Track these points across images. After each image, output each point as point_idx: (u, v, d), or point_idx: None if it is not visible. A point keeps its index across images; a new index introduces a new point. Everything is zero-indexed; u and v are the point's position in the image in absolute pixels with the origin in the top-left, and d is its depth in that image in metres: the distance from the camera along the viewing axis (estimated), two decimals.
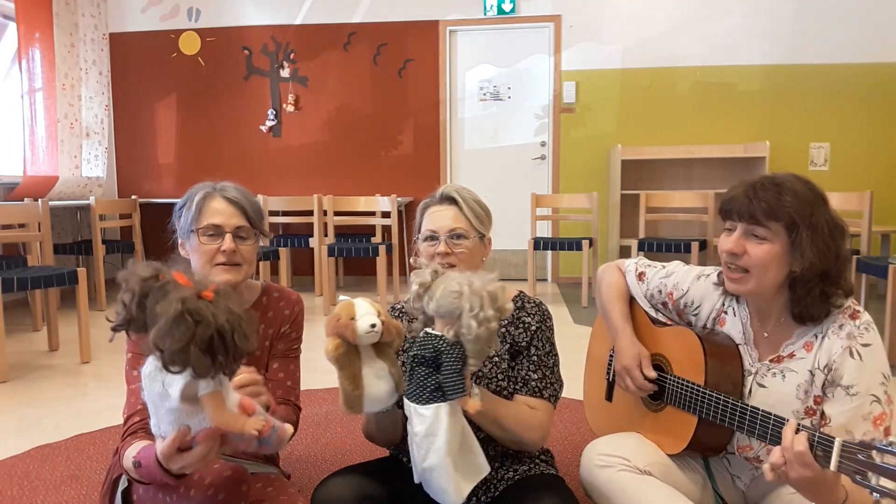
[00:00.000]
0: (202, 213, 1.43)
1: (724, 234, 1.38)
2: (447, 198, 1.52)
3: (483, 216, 1.53)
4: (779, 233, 1.29)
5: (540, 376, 1.49)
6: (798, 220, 1.28)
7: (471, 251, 1.49)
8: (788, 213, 1.28)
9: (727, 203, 1.36)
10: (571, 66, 5.76)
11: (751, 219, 1.31)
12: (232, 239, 1.43)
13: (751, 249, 1.31)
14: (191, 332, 0.95)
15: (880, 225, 4.87)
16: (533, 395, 1.48)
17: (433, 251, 1.47)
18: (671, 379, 1.51)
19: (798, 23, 5.52)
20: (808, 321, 1.34)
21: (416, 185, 5.88)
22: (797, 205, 1.28)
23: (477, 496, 1.50)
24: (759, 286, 1.34)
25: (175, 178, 6.23)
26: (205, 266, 1.41)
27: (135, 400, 1.37)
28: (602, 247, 5.69)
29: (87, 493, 1.94)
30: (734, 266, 1.35)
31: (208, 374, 0.98)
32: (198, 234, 1.42)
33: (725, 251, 1.35)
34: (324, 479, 1.45)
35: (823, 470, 1.09)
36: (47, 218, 3.82)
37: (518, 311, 1.54)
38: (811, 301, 1.31)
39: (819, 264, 1.28)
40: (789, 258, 1.30)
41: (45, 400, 2.86)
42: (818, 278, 1.29)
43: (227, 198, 1.45)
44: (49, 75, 5.26)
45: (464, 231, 1.48)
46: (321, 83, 6.01)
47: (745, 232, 1.33)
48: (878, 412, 1.25)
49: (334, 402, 2.69)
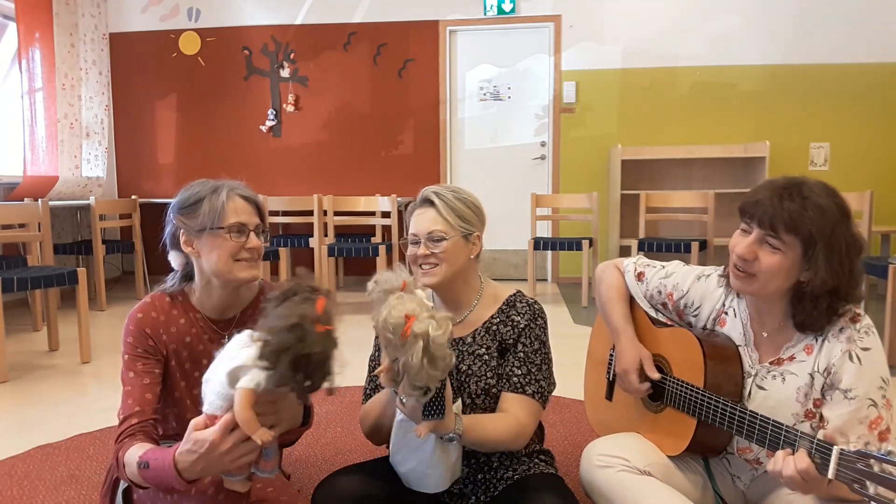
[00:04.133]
0: (226, 212, 1.42)
1: (739, 233, 1.36)
2: (425, 200, 1.53)
3: (467, 214, 1.52)
4: (793, 246, 1.27)
5: (524, 372, 1.48)
6: (817, 238, 1.25)
7: (451, 251, 1.48)
8: (808, 230, 1.25)
9: (750, 206, 1.32)
10: (571, 66, 5.76)
11: (770, 228, 1.28)
12: (256, 236, 1.45)
13: (763, 257, 1.30)
14: (292, 343, 1.10)
15: (880, 225, 4.86)
16: (514, 391, 1.47)
17: (415, 253, 1.50)
18: (671, 380, 1.51)
19: (798, 23, 5.52)
20: (810, 331, 1.34)
21: (416, 185, 5.78)
22: (820, 222, 1.25)
23: (477, 496, 1.50)
24: (762, 290, 1.33)
25: (175, 178, 6.22)
26: (226, 262, 1.41)
27: (132, 402, 1.36)
28: (602, 247, 5.69)
29: (87, 493, 1.95)
30: (742, 268, 1.33)
31: (283, 384, 1.12)
32: (225, 231, 1.41)
33: (737, 254, 1.33)
34: (324, 479, 1.45)
35: (822, 478, 1.11)
36: (47, 218, 3.82)
37: (509, 310, 1.53)
38: (817, 314, 1.30)
39: (830, 282, 1.27)
40: (798, 270, 1.29)
41: (45, 400, 2.86)
42: (827, 294, 1.28)
43: (244, 196, 1.47)
44: (49, 75, 5.26)
45: (442, 233, 1.48)
46: (321, 83, 6.01)
47: (759, 238, 1.30)
48: (874, 416, 1.25)
49: (334, 402, 2.69)
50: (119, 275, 6.21)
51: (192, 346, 1.47)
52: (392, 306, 1.18)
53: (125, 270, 6.26)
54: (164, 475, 1.20)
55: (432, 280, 1.49)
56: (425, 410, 1.24)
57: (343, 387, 3.08)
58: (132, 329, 1.42)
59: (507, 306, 1.54)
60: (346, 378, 1.16)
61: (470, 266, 1.55)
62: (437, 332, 1.15)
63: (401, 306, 1.18)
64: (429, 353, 1.14)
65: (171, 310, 1.47)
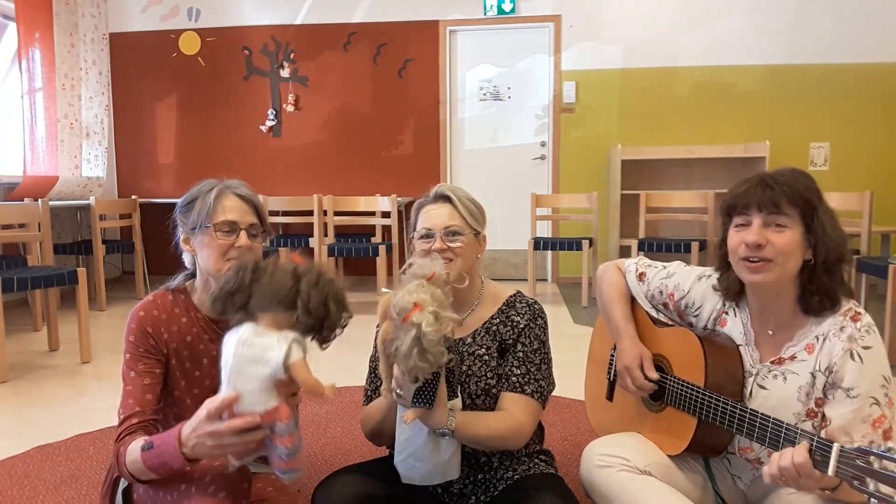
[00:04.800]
0: (217, 210, 1.43)
1: (736, 230, 1.36)
2: (441, 196, 1.53)
3: (477, 214, 1.54)
4: (796, 219, 1.31)
5: (523, 372, 1.48)
6: (816, 203, 1.31)
7: (466, 247, 1.50)
8: (805, 197, 1.31)
9: (740, 197, 1.34)
10: (571, 66, 5.76)
11: (773, 207, 1.30)
12: (247, 236, 1.44)
13: (773, 238, 1.31)
14: (327, 290, 1.18)
15: (880, 225, 4.86)
16: (514, 391, 1.47)
17: (428, 248, 1.49)
18: (671, 380, 1.51)
19: (798, 23, 5.52)
20: (819, 312, 1.34)
21: (416, 185, 5.87)
22: (812, 186, 1.32)
23: (477, 496, 1.50)
24: (782, 273, 1.32)
25: (175, 178, 6.23)
26: (217, 261, 1.41)
27: (132, 401, 1.37)
28: (602, 247, 5.69)
29: (87, 493, 1.95)
30: (756, 258, 1.32)
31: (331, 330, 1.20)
32: (213, 229, 1.41)
33: (747, 244, 1.32)
34: (324, 479, 1.45)
35: (822, 476, 1.11)
36: (47, 218, 3.82)
37: (509, 310, 1.54)
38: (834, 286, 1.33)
39: (836, 247, 1.31)
40: (805, 245, 1.32)
41: (45, 400, 2.86)
42: (836, 260, 1.32)
43: (239, 195, 1.46)
44: (49, 75, 5.26)
45: (459, 228, 1.49)
46: (321, 83, 6.01)
47: (763, 223, 1.32)
48: (877, 415, 1.25)
49: (334, 402, 2.69)
50: (119, 275, 6.21)
51: (192, 346, 1.47)
52: (408, 290, 1.21)
53: (125, 270, 6.26)
54: (166, 451, 1.20)
55: None
56: (415, 397, 1.27)
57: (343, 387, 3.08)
58: (134, 328, 1.42)
59: (507, 307, 1.54)
60: (346, 378, 1.17)
61: (475, 266, 1.55)
62: (429, 328, 1.16)
63: (415, 293, 1.20)
64: (420, 345, 1.16)
65: (174, 308, 1.48)
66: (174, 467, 1.21)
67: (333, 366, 3.13)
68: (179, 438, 1.19)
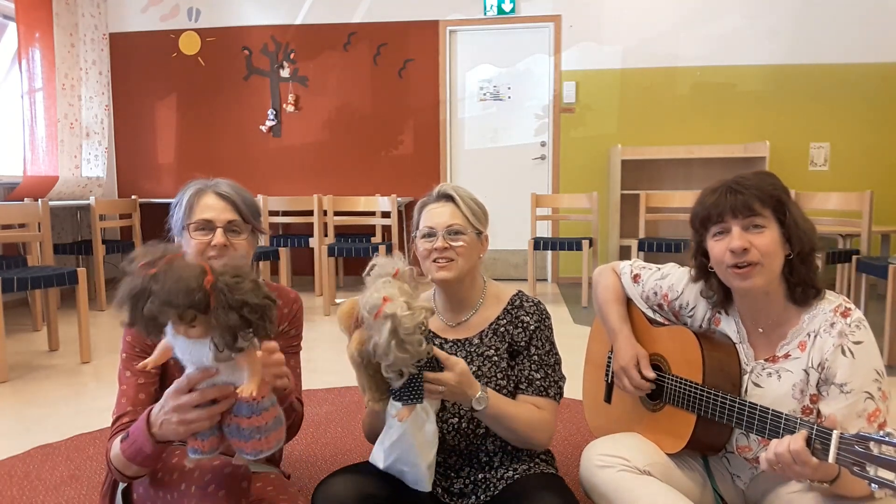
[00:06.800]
0: (193, 209, 1.44)
1: (715, 239, 1.38)
2: (444, 195, 1.54)
3: (480, 214, 1.55)
4: (771, 218, 1.34)
5: (543, 375, 1.50)
6: (785, 200, 1.35)
7: (468, 247, 1.50)
8: (776, 196, 1.34)
9: (713, 207, 1.37)
10: (571, 66, 5.76)
11: (748, 210, 1.33)
12: (223, 233, 1.43)
13: (755, 241, 1.33)
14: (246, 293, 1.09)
15: (880, 225, 4.86)
16: (539, 395, 1.49)
17: (430, 247, 1.49)
18: (669, 378, 1.51)
19: (798, 23, 5.52)
20: (805, 301, 1.36)
21: (416, 185, 5.88)
22: (777, 184, 1.36)
23: (477, 495, 1.50)
24: (770, 274, 1.34)
25: (175, 177, 6.22)
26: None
27: (125, 401, 1.38)
28: (602, 247, 5.69)
29: (87, 493, 1.95)
30: (744, 263, 1.34)
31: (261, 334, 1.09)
32: (188, 229, 1.42)
33: (732, 250, 1.33)
34: (324, 479, 1.45)
35: (821, 463, 1.12)
36: (47, 218, 3.82)
37: (517, 311, 1.55)
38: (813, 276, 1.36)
39: (807, 239, 1.35)
40: (783, 242, 1.35)
41: (45, 400, 2.86)
42: (811, 250, 1.35)
43: (218, 193, 1.46)
44: (49, 75, 5.26)
45: (461, 227, 1.50)
46: (321, 83, 6.02)
47: (742, 227, 1.34)
48: (871, 409, 1.26)
49: (334, 402, 2.69)
50: (119, 275, 6.21)
51: None
52: (376, 288, 1.21)
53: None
54: (138, 437, 1.19)
55: (449, 274, 1.49)
56: (401, 395, 1.26)
57: (343, 387, 3.07)
58: None
59: (513, 307, 1.55)
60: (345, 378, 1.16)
61: (477, 266, 1.56)
62: (404, 314, 1.16)
63: (383, 289, 1.20)
64: (397, 336, 1.15)
65: None
66: (147, 452, 1.19)
67: (333, 366, 3.13)
68: (148, 420, 1.19)
